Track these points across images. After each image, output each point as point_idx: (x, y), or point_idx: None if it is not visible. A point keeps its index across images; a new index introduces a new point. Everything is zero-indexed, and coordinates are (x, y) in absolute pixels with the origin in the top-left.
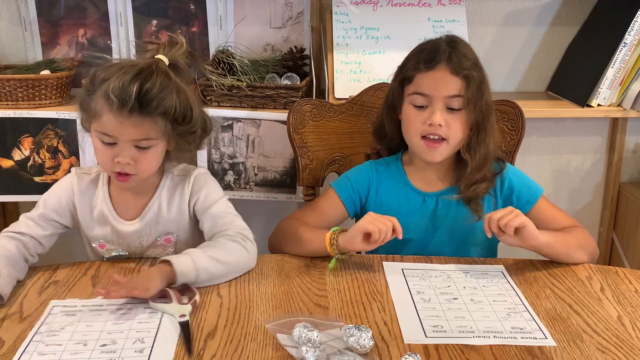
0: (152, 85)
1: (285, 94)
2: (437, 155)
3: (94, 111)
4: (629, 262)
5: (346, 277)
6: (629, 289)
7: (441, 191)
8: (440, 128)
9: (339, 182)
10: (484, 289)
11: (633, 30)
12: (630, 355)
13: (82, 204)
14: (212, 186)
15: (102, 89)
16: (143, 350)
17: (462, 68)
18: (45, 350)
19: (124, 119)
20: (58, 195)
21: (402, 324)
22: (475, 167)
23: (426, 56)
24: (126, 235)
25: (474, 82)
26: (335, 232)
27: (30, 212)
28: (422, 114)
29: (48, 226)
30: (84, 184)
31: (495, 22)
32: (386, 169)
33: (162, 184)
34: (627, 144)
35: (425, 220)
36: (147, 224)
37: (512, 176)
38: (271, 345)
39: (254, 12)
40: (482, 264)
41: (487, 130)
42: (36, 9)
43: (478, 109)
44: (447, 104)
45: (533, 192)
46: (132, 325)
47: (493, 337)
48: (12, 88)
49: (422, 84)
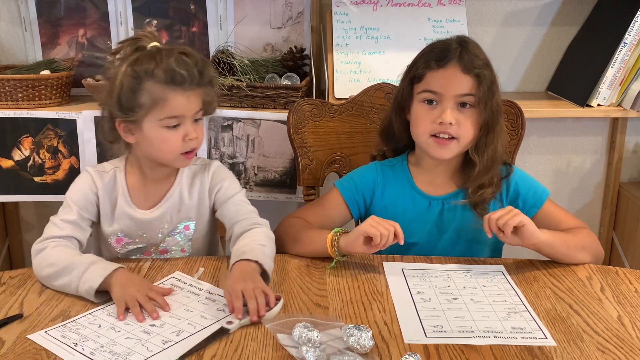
0: (196, 56)
1: (285, 94)
2: (448, 152)
3: (153, 101)
4: (629, 262)
5: (346, 277)
6: (629, 289)
7: (447, 195)
8: (450, 127)
9: (343, 183)
10: (484, 289)
11: (633, 30)
12: (630, 355)
13: (105, 199)
14: (233, 179)
15: (159, 75)
16: (180, 333)
17: (474, 67)
18: (127, 315)
19: (190, 93)
20: (84, 193)
21: (402, 323)
22: (483, 168)
23: (437, 55)
24: (146, 223)
25: (485, 81)
26: (336, 234)
27: (64, 215)
28: (432, 112)
29: (86, 227)
30: (105, 180)
31: (495, 22)
32: (392, 171)
33: (181, 171)
34: (627, 144)
35: (431, 224)
36: (168, 210)
37: (519, 180)
38: (271, 345)
39: (254, 12)
40: (482, 264)
41: (495, 131)
42: (36, 9)
43: (488, 109)
44: (457, 102)
45: (539, 196)
46: (192, 316)
47: (493, 337)
48: (12, 88)
49: (433, 82)
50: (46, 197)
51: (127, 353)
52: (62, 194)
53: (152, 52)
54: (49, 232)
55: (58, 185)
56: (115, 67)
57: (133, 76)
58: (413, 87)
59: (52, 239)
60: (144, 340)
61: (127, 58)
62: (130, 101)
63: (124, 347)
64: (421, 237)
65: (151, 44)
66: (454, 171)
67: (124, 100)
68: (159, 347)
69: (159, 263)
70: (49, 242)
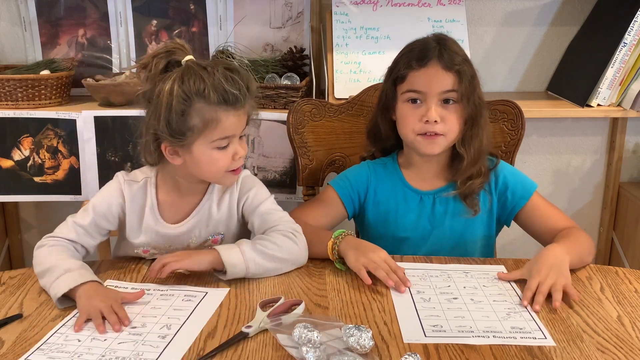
0: (240, 71)
1: (285, 94)
2: (436, 147)
3: (205, 123)
4: (629, 262)
5: (346, 277)
6: (629, 289)
7: (438, 189)
8: (436, 125)
9: (338, 182)
10: (484, 289)
11: (633, 30)
12: (630, 355)
13: (132, 211)
14: (259, 186)
15: (210, 95)
16: (165, 337)
17: (454, 63)
18: (84, 326)
19: (240, 112)
20: (108, 202)
21: (401, 323)
22: (471, 160)
23: (417, 54)
24: (173, 237)
25: (465, 77)
26: (337, 238)
27: (79, 218)
28: (417, 111)
29: (97, 235)
30: (134, 190)
31: (495, 22)
32: (383, 169)
33: (212, 185)
34: (627, 144)
35: (423, 218)
36: (197, 225)
37: (507, 172)
38: (271, 345)
39: (253, 12)
40: (482, 264)
41: (480, 124)
42: (36, 9)
43: (471, 103)
44: (441, 99)
45: (527, 188)
46: (166, 311)
47: (492, 336)
48: (12, 88)
49: (416, 81)
50: (46, 197)
51: (136, 354)
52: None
53: (196, 70)
54: (58, 230)
55: (58, 185)
56: (153, 84)
57: (182, 97)
58: (396, 87)
59: (55, 238)
60: (141, 341)
61: (170, 77)
62: (181, 124)
63: (126, 350)
64: (413, 232)
65: (186, 58)
66: (443, 166)
67: (174, 124)
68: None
69: None
70: (50, 241)
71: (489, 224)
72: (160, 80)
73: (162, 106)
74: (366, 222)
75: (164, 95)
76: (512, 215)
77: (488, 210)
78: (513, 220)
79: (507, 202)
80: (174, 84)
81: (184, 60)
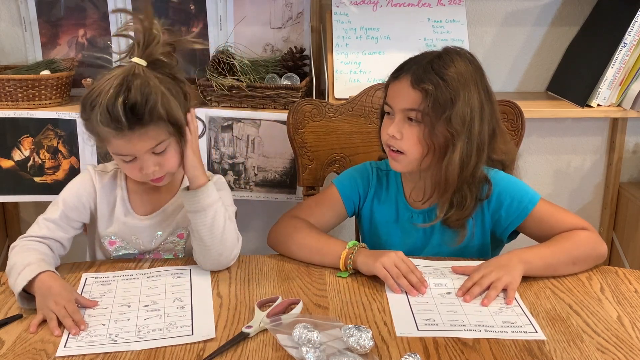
0: (134, 98)
1: (285, 94)
2: (397, 165)
3: (101, 137)
4: (629, 262)
5: (346, 277)
6: (629, 289)
7: (430, 208)
8: (396, 140)
9: (341, 180)
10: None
11: (633, 30)
12: (630, 355)
13: (103, 201)
14: (225, 194)
15: (96, 118)
16: (184, 307)
17: (422, 81)
18: (94, 313)
19: (129, 136)
20: (78, 193)
21: (394, 317)
22: (441, 189)
23: (400, 65)
24: (141, 230)
25: (431, 99)
26: (352, 249)
27: (49, 214)
28: (387, 123)
29: (69, 227)
30: (105, 180)
31: (495, 22)
32: (385, 177)
33: (183, 183)
34: (627, 144)
35: (413, 237)
36: (165, 220)
37: (503, 190)
38: (271, 345)
39: (254, 12)
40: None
41: (451, 158)
42: (36, 10)
43: (437, 131)
44: (406, 116)
45: (525, 205)
46: (165, 288)
47: (484, 330)
48: (12, 88)
49: (389, 93)
50: (46, 197)
51: (169, 324)
52: None
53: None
54: (29, 231)
55: (58, 186)
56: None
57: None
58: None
59: (26, 238)
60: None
61: (105, 73)
62: (87, 129)
63: (158, 323)
64: (404, 248)
65: (134, 59)
66: (437, 183)
67: (84, 125)
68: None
69: (158, 263)
70: (21, 242)
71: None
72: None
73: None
74: (360, 226)
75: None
76: (507, 233)
77: (481, 226)
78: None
79: (501, 220)
80: (95, 82)
81: (133, 60)
